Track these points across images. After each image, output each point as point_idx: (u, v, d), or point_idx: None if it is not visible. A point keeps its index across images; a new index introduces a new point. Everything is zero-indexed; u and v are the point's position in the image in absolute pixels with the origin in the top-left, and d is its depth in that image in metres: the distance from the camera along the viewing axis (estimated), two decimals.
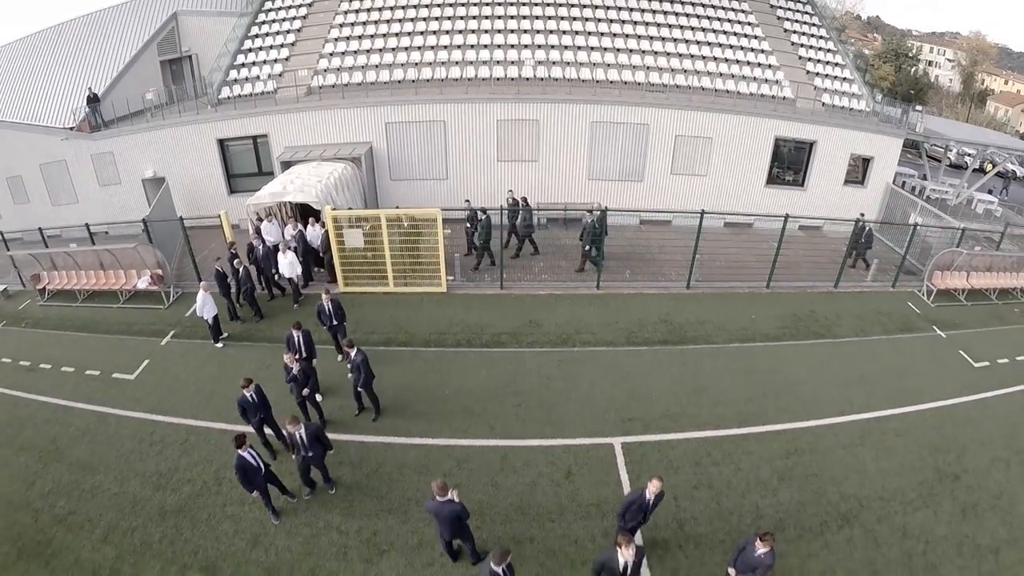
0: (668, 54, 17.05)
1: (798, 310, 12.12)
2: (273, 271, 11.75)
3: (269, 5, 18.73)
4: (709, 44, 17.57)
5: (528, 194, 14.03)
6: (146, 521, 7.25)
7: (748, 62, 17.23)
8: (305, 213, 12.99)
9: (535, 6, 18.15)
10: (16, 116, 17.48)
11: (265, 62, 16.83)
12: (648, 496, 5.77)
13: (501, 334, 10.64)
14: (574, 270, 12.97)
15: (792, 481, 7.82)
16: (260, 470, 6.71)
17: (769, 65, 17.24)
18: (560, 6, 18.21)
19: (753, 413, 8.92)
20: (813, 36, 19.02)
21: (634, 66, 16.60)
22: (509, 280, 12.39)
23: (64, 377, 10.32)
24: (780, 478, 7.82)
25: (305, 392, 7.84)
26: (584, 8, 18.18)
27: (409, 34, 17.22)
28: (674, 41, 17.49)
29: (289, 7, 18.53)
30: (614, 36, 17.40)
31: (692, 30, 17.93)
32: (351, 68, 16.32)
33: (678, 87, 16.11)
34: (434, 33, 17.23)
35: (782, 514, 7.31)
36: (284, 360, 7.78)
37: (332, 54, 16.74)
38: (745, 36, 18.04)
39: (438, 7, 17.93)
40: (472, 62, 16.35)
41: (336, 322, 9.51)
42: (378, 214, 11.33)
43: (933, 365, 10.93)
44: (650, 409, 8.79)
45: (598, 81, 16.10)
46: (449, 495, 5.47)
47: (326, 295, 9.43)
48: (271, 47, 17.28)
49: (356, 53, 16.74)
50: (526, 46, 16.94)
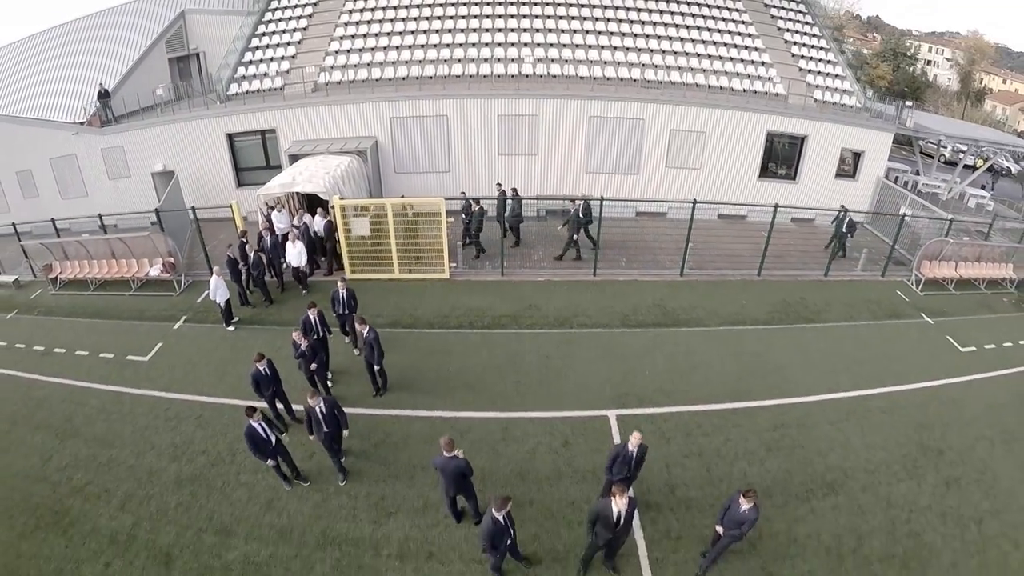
0: (663, 52, 17.54)
1: (788, 297, 12.54)
2: (281, 260, 12.14)
3: (275, 4, 19.22)
4: (704, 42, 18.05)
5: (528, 187, 14.48)
6: (162, 490, 7.57)
7: (742, 59, 17.71)
8: (312, 204, 13.42)
9: (534, 5, 18.63)
10: (26, 112, 17.88)
11: (272, 59, 17.31)
12: (631, 449, 6.18)
13: (502, 317, 11.08)
14: (553, 257, 13.33)
15: (779, 452, 8.21)
16: (269, 442, 6.94)
17: (763, 63, 17.71)
18: (559, 5, 18.69)
19: (742, 390, 9.33)
20: (806, 35, 19.50)
21: (630, 63, 17.07)
22: (509, 268, 12.84)
23: (78, 360, 10.60)
24: (767, 449, 8.22)
25: (313, 367, 8.22)
26: (582, 7, 18.67)
27: (412, 32, 17.70)
28: (669, 39, 17.97)
29: (295, 6, 19.03)
30: (611, 35, 17.89)
31: (687, 28, 18.42)
32: (356, 65, 16.79)
33: (673, 83, 16.60)
34: (436, 32, 17.71)
35: (769, 482, 7.69)
36: (293, 337, 8.18)
37: (338, 52, 17.22)
38: (739, 35, 18.53)
39: (440, 7, 18.42)
40: (473, 59, 16.84)
41: (347, 311, 9.67)
42: (384, 203, 11.77)
43: (920, 349, 11.25)
44: (644, 385, 9.21)
45: (595, 78, 16.61)
46: (455, 452, 5.88)
47: (342, 283, 9.63)
48: (278, 45, 17.77)
49: (361, 51, 17.22)
50: (525, 44, 17.42)
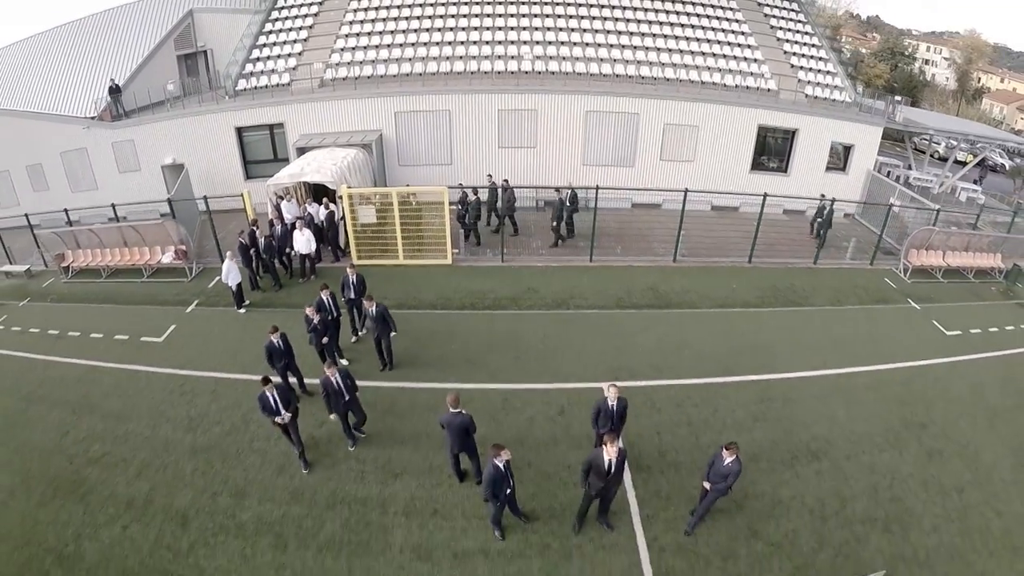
0: (658, 49, 18.06)
1: (778, 283, 13.00)
2: (288, 249, 12.56)
3: (282, 3, 19.73)
4: (698, 40, 18.57)
5: (527, 179, 14.97)
6: (178, 458, 7.93)
7: (735, 56, 18.22)
8: (319, 196, 13.90)
9: (534, 5, 19.15)
10: (37, 107, 18.30)
11: (279, 56, 17.82)
12: (610, 402, 6.63)
13: (502, 298, 11.59)
14: (549, 245, 13.85)
15: (765, 422, 8.66)
16: (279, 412, 7.28)
17: (755, 60, 18.21)
18: (557, 5, 19.20)
19: (731, 366, 9.80)
20: (799, 32, 20.01)
21: (626, 60, 17.60)
22: (509, 254, 13.36)
23: (93, 342, 10.95)
24: (754, 419, 8.68)
25: (325, 340, 8.67)
26: (580, 7, 19.18)
27: (416, 31, 18.22)
28: (664, 37, 18.49)
29: (301, 5, 19.54)
30: (607, 33, 18.42)
31: (682, 27, 18.94)
32: (362, 62, 17.31)
33: (667, 80, 17.12)
34: (439, 30, 18.24)
35: (755, 449, 8.11)
36: (306, 312, 8.63)
37: (343, 49, 17.74)
38: (732, 32, 19.04)
39: (443, 6, 18.94)
40: (475, 57, 17.36)
41: (357, 295, 9.95)
42: (389, 191, 12.26)
43: (905, 332, 11.65)
44: (637, 360, 9.68)
45: (592, 74, 17.13)
46: (460, 408, 6.35)
47: (351, 268, 10.01)
48: (285, 43, 18.28)
49: (366, 48, 17.74)
50: (525, 42, 17.94)
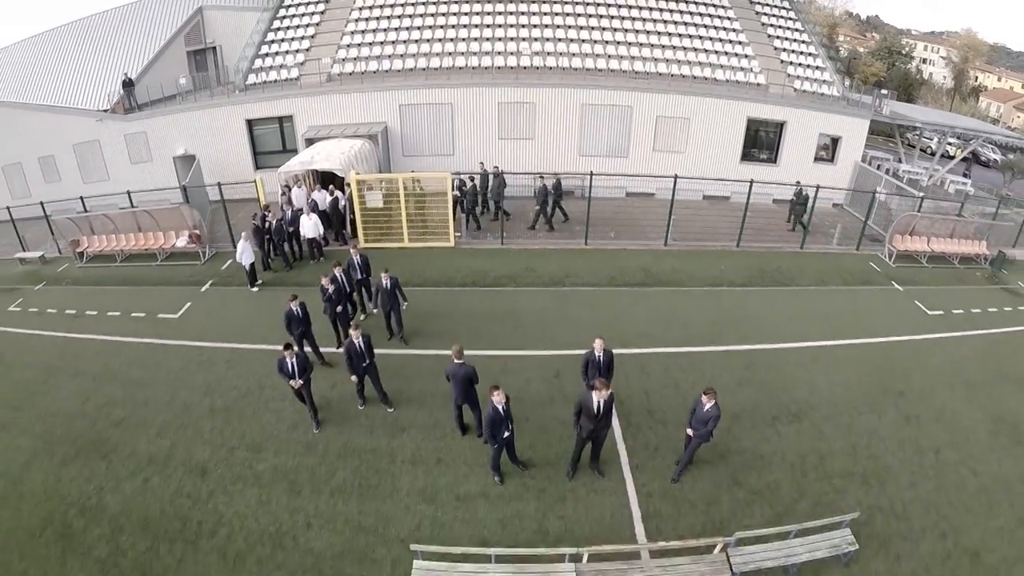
0: (652, 45, 18.71)
1: (765, 265, 13.58)
2: (298, 231, 13.11)
3: (289, 1, 20.39)
4: (690, 36, 19.23)
5: (526, 168, 15.57)
6: (197, 418, 8.44)
7: (726, 52, 18.86)
8: (326, 183, 14.49)
9: (532, 3, 19.81)
10: (50, 100, 18.90)
11: (288, 52, 18.46)
12: (596, 353, 7.20)
13: (501, 277, 12.20)
14: (546, 229, 14.41)
15: (749, 386, 9.22)
16: (294, 376, 7.78)
17: (746, 55, 18.85)
18: (555, 3, 19.87)
19: (717, 338, 10.39)
20: (789, 29, 20.67)
21: (620, 55, 18.25)
22: (508, 238, 13.99)
23: (111, 320, 11.40)
24: (738, 383, 9.23)
25: (339, 309, 9.22)
26: (576, 5, 19.85)
27: (419, 28, 18.90)
28: (658, 34, 19.16)
29: (308, 3, 20.19)
30: (603, 29, 19.08)
31: (674, 23, 19.60)
32: (367, 58, 17.97)
33: (659, 74, 17.78)
34: (441, 27, 18.91)
35: (739, 409, 8.66)
36: (322, 283, 9.18)
37: (349, 45, 18.40)
38: (724, 29, 19.69)
39: (445, 4, 19.61)
40: (476, 52, 18.02)
41: (363, 274, 10.39)
42: (396, 177, 12.87)
43: (888, 310, 12.16)
44: (628, 331, 10.25)
45: (587, 68, 17.78)
46: (464, 360, 6.92)
47: (354, 249, 10.46)
48: (292, 39, 18.93)
49: (371, 45, 18.40)
50: (524, 39, 18.61)
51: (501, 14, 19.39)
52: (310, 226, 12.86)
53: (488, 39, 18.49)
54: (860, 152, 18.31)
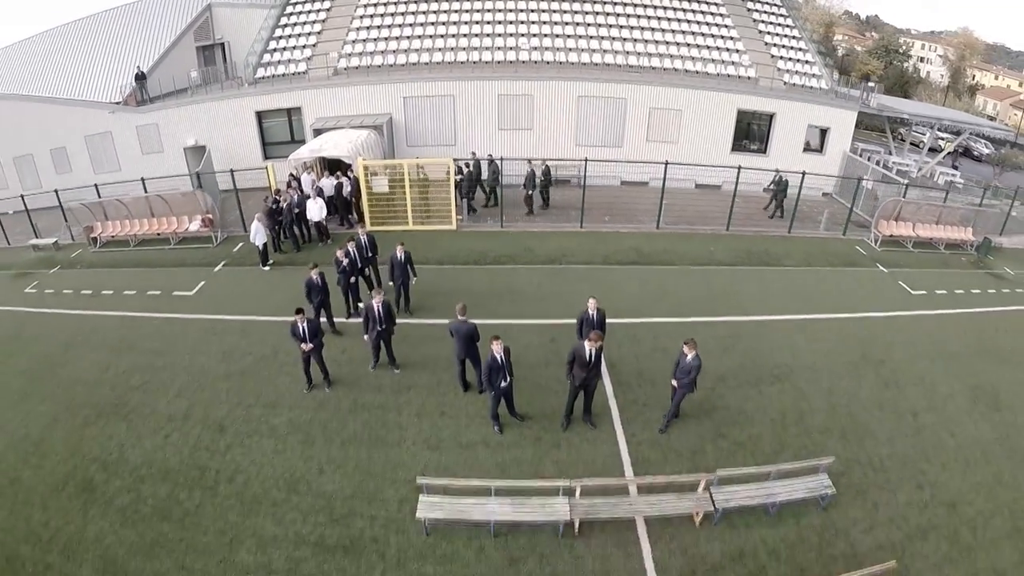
0: (645, 40, 19.38)
1: (753, 247, 14.14)
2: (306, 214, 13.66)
3: None
4: (683, 32, 19.89)
5: (523, 157, 16.12)
6: (214, 381, 8.94)
7: (717, 47, 19.50)
8: (334, 170, 15.08)
9: (530, 0, 20.50)
10: (63, 93, 19.45)
11: (295, 47, 19.12)
12: (591, 312, 7.77)
13: (501, 256, 12.80)
14: (524, 213, 14.99)
15: (734, 352, 9.76)
16: (305, 339, 8.21)
17: (737, 50, 19.49)
18: (552, 0, 20.55)
19: (705, 310, 10.97)
20: (780, 24, 21.31)
21: (615, 50, 18.91)
22: (508, 221, 14.62)
23: (127, 298, 11.85)
24: (723, 350, 9.77)
25: (353, 280, 9.79)
26: (573, 2, 20.51)
27: (422, 24, 19.57)
28: (651, 29, 19.83)
29: None
30: (598, 26, 19.76)
31: (668, 19, 20.26)
32: (372, 52, 18.64)
33: (653, 68, 18.42)
34: (443, 23, 19.57)
35: (723, 371, 9.21)
36: (337, 255, 9.73)
37: (355, 41, 19.07)
38: (716, 25, 20.35)
39: (446, 1, 20.25)
40: (476, 47, 18.67)
41: (372, 254, 10.73)
42: (401, 163, 13.48)
43: (871, 289, 12.57)
44: (620, 304, 10.70)
45: (583, 62, 18.44)
46: (467, 317, 7.49)
47: (362, 230, 11.00)
48: (299, 35, 19.60)
49: (376, 40, 19.08)
50: (522, 34, 19.26)
51: (500, 11, 20.06)
52: (315, 209, 13.44)
53: (488, 34, 19.15)
54: (848, 143, 18.90)
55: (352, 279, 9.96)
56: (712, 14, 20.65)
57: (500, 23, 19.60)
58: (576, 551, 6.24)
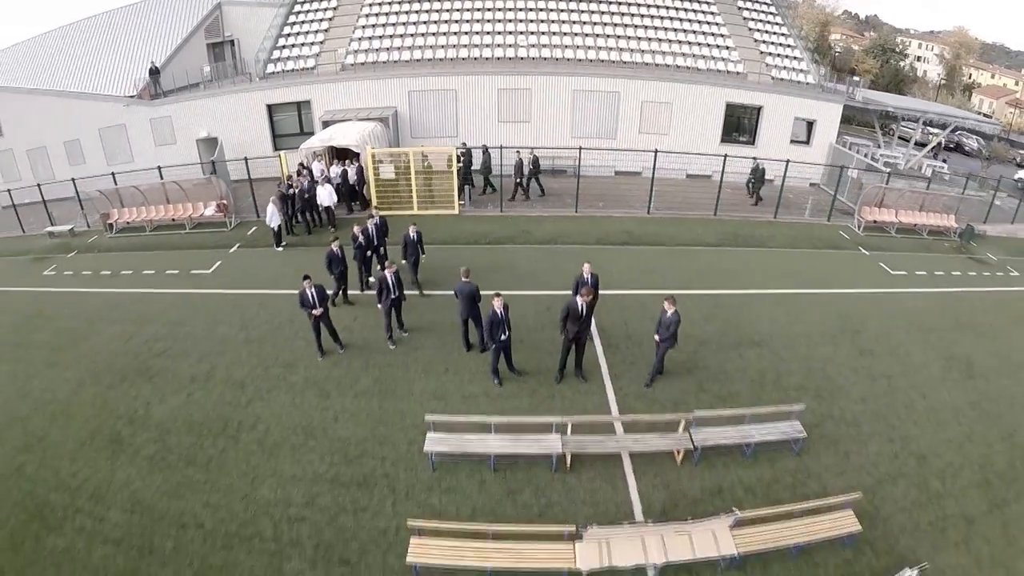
0: (639, 37, 20.25)
1: (739, 231, 14.88)
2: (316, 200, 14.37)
3: None
4: (674, 29, 20.74)
5: (521, 148, 16.90)
6: (235, 347, 9.57)
7: (708, 44, 20.33)
8: (342, 159, 15.84)
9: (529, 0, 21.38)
10: (77, 87, 20.15)
11: (304, 44, 19.95)
12: (585, 275, 8.49)
13: (501, 238, 13.58)
14: (509, 199, 15.54)
15: (716, 321, 10.44)
16: (315, 305, 8.77)
17: (727, 46, 20.31)
18: (550, 0, 21.41)
19: (690, 284, 11.68)
20: (769, 22, 22.14)
21: (609, 47, 19.77)
22: (507, 207, 15.42)
23: (146, 276, 12.44)
24: (707, 319, 10.48)
25: (368, 254, 10.52)
26: (570, 1, 21.36)
27: (425, 22, 20.44)
28: (644, 27, 20.69)
29: None
30: (593, 23, 20.63)
31: (660, 18, 21.11)
32: (378, 49, 19.49)
33: (645, 63, 19.28)
34: (446, 21, 20.44)
35: (706, 337, 9.90)
36: (354, 231, 10.42)
37: (361, 38, 19.93)
38: (707, 23, 21.19)
39: (449, 0, 21.10)
40: (477, 44, 19.54)
41: (382, 236, 11.42)
42: (407, 151, 14.28)
43: (852, 269, 13.17)
44: (611, 278, 11.43)
45: (579, 58, 19.28)
46: (469, 279, 8.22)
47: (376, 213, 11.64)
48: (308, 32, 20.44)
49: (381, 37, 19.94)
50: (521, 32, 20.14)
51: (500, 9, 20.95)
52: (325, 195, 14.18)
53: (489, 32, 20.01)
54: (834, 135, 19.69)
55: (368, 253, 10.75)
56: (703, 12, 21.50)
57: (500, 21, 20.47)
58: (568, 484, 6.93)
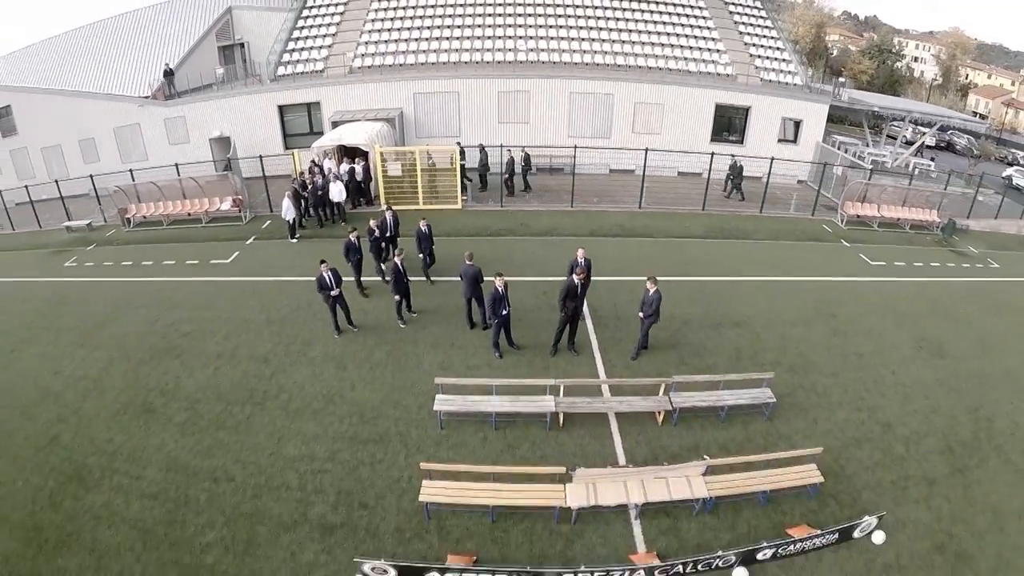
0: (632, 42, 21.21)
1: (726, 224, 15.79)
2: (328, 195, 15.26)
3: (311, 1, 22.87)
4: (667, 33, 21.72)
5: (520, 148, 17.82)
6: (258, 327, 10.40)
7: (699, 48, 21.28)
8: (351, 158, 16.74)
9: (527, 6, 22.33)
10: (93, 88, 20.95)
11: (313, 48, 20.92)
12: (580, 259, 9.38)
13: (501, 230, 14.50)
14: (506, 194, 16.31)
15: (699, 304, 11.34)
16: (331, 287, 9.57)
17: (717, 49, 21.25)
18: (547, 5, 22.36)
19: (676, 271, 12.58)
20: (758, 25, 23.08)
21: (604, 51, 20.73)
22: (507, 202, 16.37)
23: (166, 266, 13.16)
24: (690, 302, 11.37)
25: (383, 244, 11.41)
26: (566, 7, 22.37)
27: (429, 27, 21.40)
28: (637, 32, 21.66)
29: (329, 4, 22.66)
30: (589, 29, 21.61)
31: (653, 22, 22.10)
32: (384, 53, 20.46)
33: (638, 66, 20.23)
34: (449, 27, 21.40)
35: (689, 317, 10.79)
36: (371, 224, 11.26)
37: (367, 42, 20.89)
38: (698, 27, 22.15)
39: (451, 6, 22.08)
40: (479, 48, 20.52)
41: (393, 232, 12.21)
42: (413, 149, 15.20)
43: (833, 259, 13.97)
44: (604, 267, 12.09)
45: (575, 62, 20.26)
46: (472, 262, 9.14)
47: (388, 210, 12.30)
48: (316, 36, 21.40)
49: (387, 42, 20.91)
50: (520, 37, 21.11)
51: (501, 15, 21.93)
52: (335, 191, 15.09)
53: (489, 36, 20.98)
54: (821, 133, 20.60)
55: (382, 244, 11.59)
56: (694, 16, 22.45)
57: (500, 27, 21.45)
58: (560, 440, 7.83)
